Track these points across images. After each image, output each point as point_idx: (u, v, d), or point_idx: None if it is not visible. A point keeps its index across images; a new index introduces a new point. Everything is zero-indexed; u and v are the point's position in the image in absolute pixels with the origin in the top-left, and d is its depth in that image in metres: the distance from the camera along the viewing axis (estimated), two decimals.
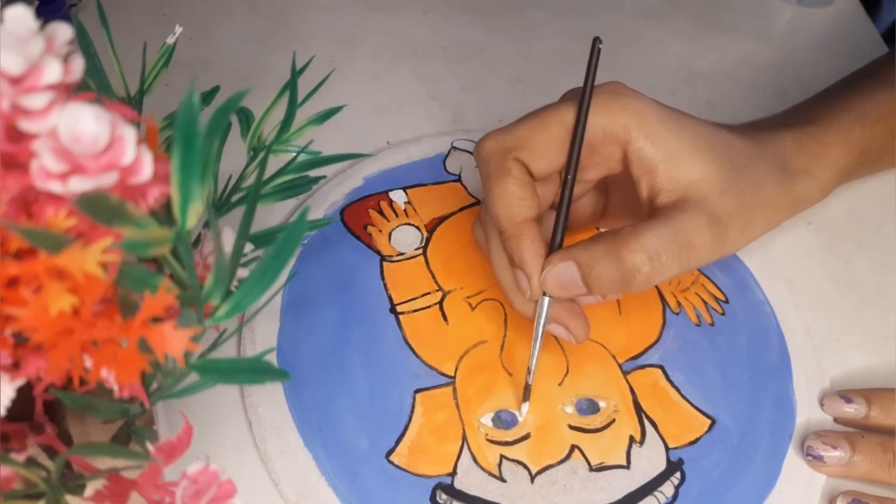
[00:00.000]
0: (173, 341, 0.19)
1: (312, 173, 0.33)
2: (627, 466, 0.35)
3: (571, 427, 0.36)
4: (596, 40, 0.35)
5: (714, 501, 0.34)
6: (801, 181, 0.39)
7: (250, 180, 0.32)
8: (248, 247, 0.30)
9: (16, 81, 0.18)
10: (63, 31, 0.19)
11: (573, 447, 0.35)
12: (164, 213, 0.20)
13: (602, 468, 0.35)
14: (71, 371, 0.19)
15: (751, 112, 0.45)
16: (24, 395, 0.21)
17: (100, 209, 0.18)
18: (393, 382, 0.36)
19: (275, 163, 0.32)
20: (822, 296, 0.42)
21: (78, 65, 0.19)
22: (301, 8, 0.55)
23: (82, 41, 0.30)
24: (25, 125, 0.18)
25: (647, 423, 0.36)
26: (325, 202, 0.43)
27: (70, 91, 0.19)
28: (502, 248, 0.36)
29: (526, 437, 0.35)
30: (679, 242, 0.34)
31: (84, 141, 0.18)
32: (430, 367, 0.37)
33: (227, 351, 0.38)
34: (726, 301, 0.41)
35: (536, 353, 0.35)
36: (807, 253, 0.44)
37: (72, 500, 0.23)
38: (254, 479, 0.33)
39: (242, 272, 0.24)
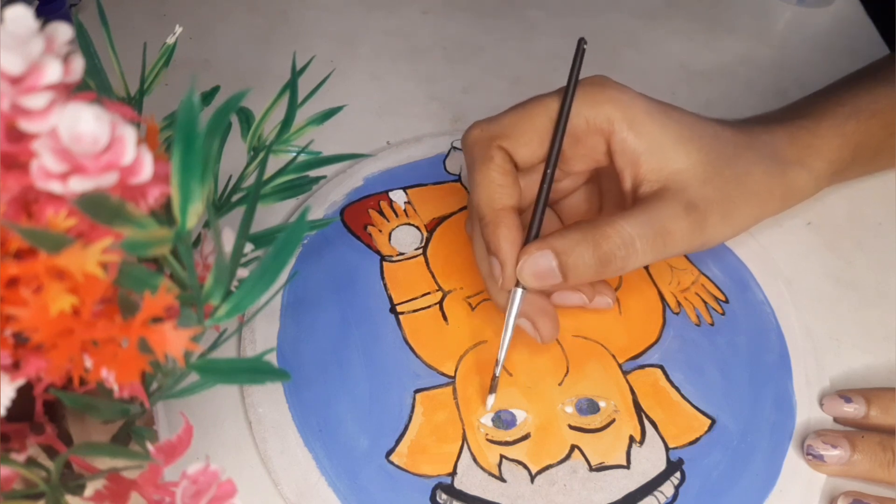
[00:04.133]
0: (173, 341, 0.19)
1: (312, 173, 0.33)
2: (627, 466, 0.35)
3: (571, 427, 0.36)
4: (581, 41, 0.36)
5: (714, 501, 0.34)
6: (794, 171, 0.39)
7: (250, 180, 0.32)
8: (248, 247, 0.29)
9: (16, 81, 0.18)
10: (63, 31, 0.19)
11: (573, 447, 0.35)
12: (164, 213, 0.20)
13: (602, 468, 0.35)
14: (71, 371, 0.19)
15: (750, 112, 0.45)
16: (24, 395, 0.21)
17: (100, 209, 0.18)
18: (393, 383, 0.36)
19: (275, 163, 0.32)
20: (822, 296, 0.42)
21: (78, 65, 0.19)
22: (301, 8, 0.55)
23: (82, 41, 0.30)
24: (25, 125, 0.18)
25: (646, 422, 0.36)
26: (325, 202, 0.43)
27: (70, 91, 0.19)
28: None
29: (526, 437, 0.35)
30: (655, 229, 0.34)
31: (84, 141, 0.18)
32: (430, 367, 0.37)
33: (227, 351, 0.38)
34: (726, 301, 0.41)
35: (506, 344, 0.35)
36: (807, 253, 0.44)
37: (72, 500, 0.23)
38: (254, 479, 0.33)
39: (242, 272, 0.24)
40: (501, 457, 0.35)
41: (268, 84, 0.47)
